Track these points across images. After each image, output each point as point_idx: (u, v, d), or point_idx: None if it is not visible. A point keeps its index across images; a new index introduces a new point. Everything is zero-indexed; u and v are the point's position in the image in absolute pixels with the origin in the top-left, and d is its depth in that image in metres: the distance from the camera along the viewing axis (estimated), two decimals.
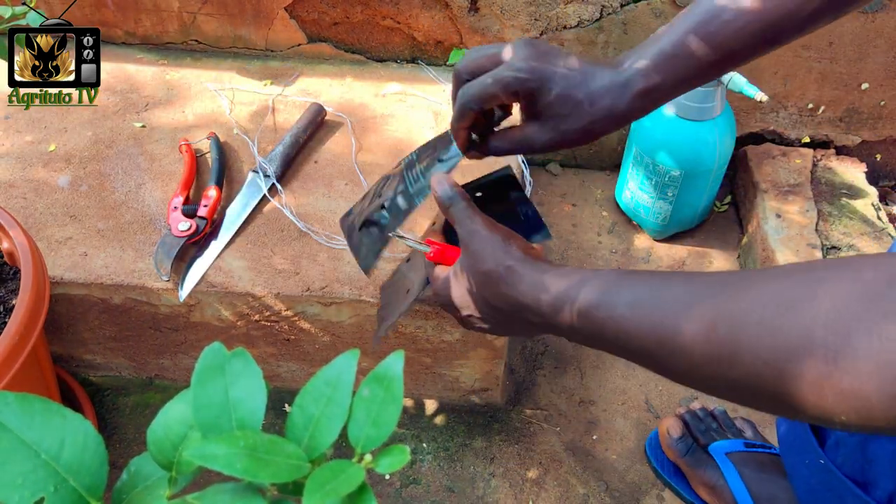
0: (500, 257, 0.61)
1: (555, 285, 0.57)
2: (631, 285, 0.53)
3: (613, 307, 0.52)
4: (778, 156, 1.25)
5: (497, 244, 0.62)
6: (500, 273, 0.61)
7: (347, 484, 0.32)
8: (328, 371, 0.35)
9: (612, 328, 0.52)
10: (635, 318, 0.51)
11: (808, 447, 0.77)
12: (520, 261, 0.60)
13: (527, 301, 0.59)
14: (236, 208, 1.01)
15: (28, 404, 0.33)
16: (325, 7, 1.21)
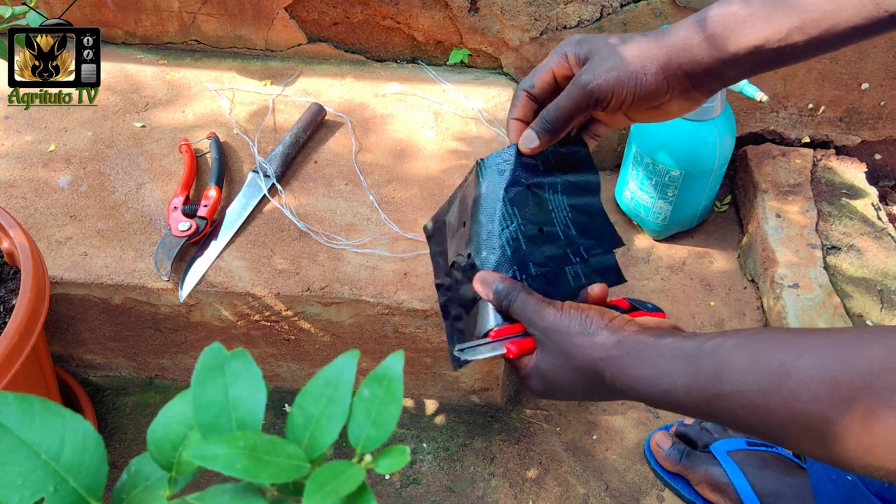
0: (587, 351, 0.54)
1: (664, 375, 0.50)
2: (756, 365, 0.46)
3: (741, 395, 0.46)
4: (778, 156, 1.25)
5: (577, 336, 0.55)
6: (595, 368, 0.54)
7: (347, 484, 0.32)
8: (328, 371, 0.35)
9: (744, 416, 0.47)
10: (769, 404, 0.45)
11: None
12: (612, 347, 0.54)
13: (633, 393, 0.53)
14: (236, 208, 1.01)
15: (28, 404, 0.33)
16: (325, 7, 1.21)
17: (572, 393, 0.57)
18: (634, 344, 0.53)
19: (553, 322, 0.57)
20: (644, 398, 0.52)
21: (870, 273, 1.10)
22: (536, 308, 0.58)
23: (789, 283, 1.08)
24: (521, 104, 0.66)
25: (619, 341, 0.53)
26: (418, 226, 1.00)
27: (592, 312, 0.56)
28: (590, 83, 0.61)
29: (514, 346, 0.60)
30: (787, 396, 0.44)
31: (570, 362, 0.55)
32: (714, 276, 1.21)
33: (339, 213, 1.01)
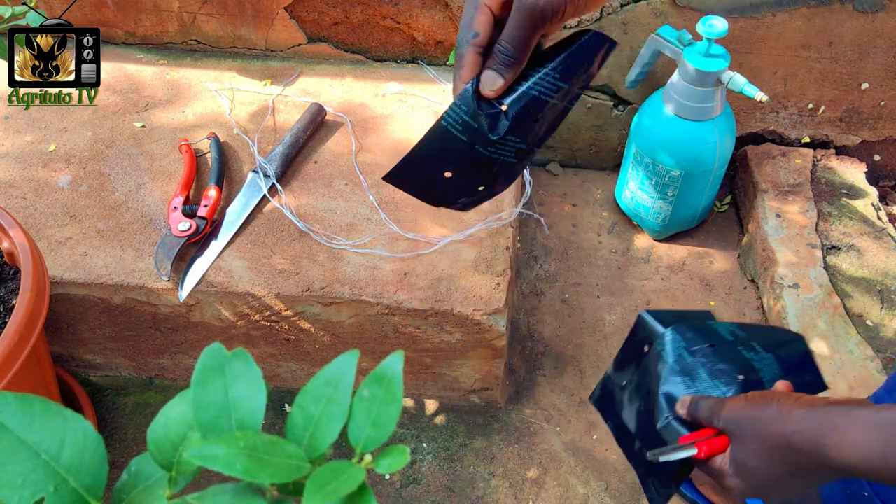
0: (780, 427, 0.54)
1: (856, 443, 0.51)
2: None
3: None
4: (778, 156, 1.25)
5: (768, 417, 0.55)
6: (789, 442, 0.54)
7: (347, 484, 0.32)
8: (328, 371, 0.35)
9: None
10: None
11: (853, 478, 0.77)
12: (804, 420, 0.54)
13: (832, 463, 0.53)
14: (236, 208, 1.01)
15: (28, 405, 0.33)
16: (325, 7, 1.21)
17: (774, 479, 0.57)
18: (825, 416, 0.53)
19: (742, 409, 0.57)
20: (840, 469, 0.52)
21: (870, 273, 1.10)
22: (720, 403, 0.59)
23: (789, 283, 1.08)
24: (470, 62, 0.58)
25: (809, 414, 0.53)
26: (418, 226, 1.00)
27: (778, 394, 0.57)
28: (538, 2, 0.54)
29: (704, 445, 0.61)
30: None
31: (765, 443, 0.55)
32: (714, 276, 1.21)
33: (339, 213, 1.01)
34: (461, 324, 0.94)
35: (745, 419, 0.57)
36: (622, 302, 1.17)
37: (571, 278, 1.20)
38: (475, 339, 0.96)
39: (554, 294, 1.18)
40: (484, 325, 0.94)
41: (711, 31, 1.03)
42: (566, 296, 1.18)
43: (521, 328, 1.14)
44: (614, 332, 1.14)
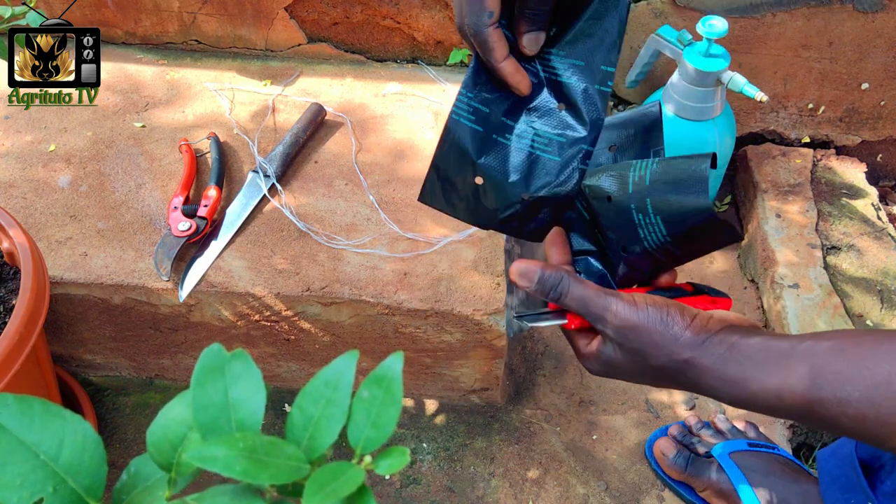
0: (668, 352, 0.51)
1: (753, 378, 0.48)
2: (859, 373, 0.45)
3: (845, 404, 0.45)
4: (778, 156, 1.25)
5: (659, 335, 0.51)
6: (676, 368, 0.51)
7: (347, 485, 0.32)
8: (328, 372, 0.35)
9: (846, 424, 0.45)
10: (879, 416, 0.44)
11: (856, 487, 0.76)
12: (697, 347, 0.50)
13: (717, 395, 0.51)
14: (236, 208, 1.01)
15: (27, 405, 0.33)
16: (325, 7, 1.21)
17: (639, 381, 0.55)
18: (719, 344, 0.50)
19: (629, 318, 0.51)
20: (728, 399, 0.50)
21: (870, 273, 1.10)
22: (601, 301, 0.52)
23: (789, 283, 1.08)
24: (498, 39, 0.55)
25: (703, 343, 0.50)
26: (418, 226, 1.00)
27: (672, 309, 0.52)
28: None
29: (577, 318, 0.55)
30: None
31: (649, 361, 0.52)
32: (714, 276, 1.21)
33: (339, 213, 1.01)
34: (461, 324, 0.94)
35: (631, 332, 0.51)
36: None
37: None
38: (475, 339, 0.96)
39: None
40: (484, 325, 0.94)
41: (711, 31, 1.03)
42: None
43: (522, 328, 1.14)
44: None
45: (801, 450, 1.04)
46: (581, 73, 0.56)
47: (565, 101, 0.57)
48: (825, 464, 0.82)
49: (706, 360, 0.50)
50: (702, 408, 1.06)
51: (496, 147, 0.59)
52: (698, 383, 0.51)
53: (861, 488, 0.76)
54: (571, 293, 0.53)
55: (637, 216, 0.56)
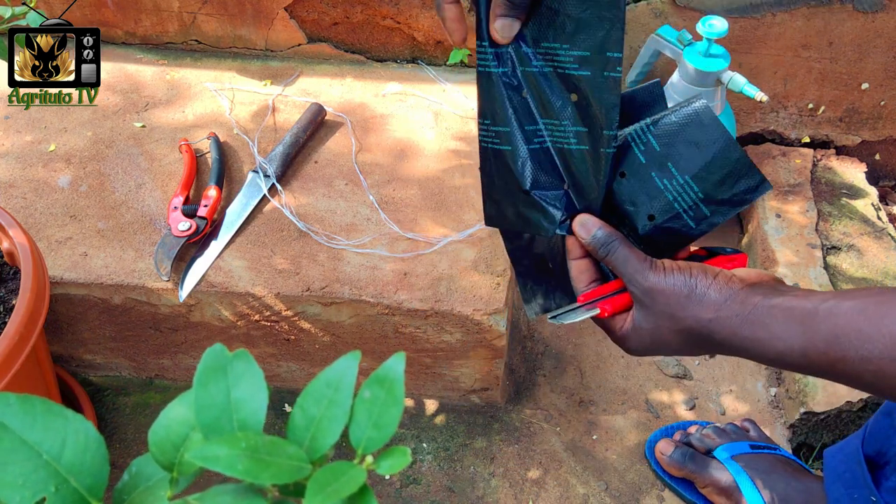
0: (695, 313, 0.53)
1: (777, 338, 0.50)
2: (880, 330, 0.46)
3: (866, 361, 0.47)
4: (778, 156, 1.25)
5: (683, 295, 0.53)
6: (703, 331, 0.53)
7: (349, 485, 0.32)
8: (329, 372, 0.35)
9: (869, 379, 0.48)
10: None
11: (861, 483, 0.77)
12: (722, 307, 0.52)
13: (745, 354, 0.52)
14: (236, 208, 1.01)
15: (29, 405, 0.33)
16: (325, 7, 1.21)
17: (676, 350, 0.56)
18: (743, 304, 0.52)
19: (657, 283, 0.54)
20: (756, 358, 0.52)
21: (870, 273, 1.10)
22: (638, 266, 0.55)
23: (789, 283, 1.08)
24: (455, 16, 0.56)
25: (728, 301, 0.52)
26: (418, 226, 1.00)
27: (696, 271, 0.54)
28: None
29: (608, 304, 0.58)
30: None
31: (677, 324, 0.54)
32: None
33: (339, 213, 1.01)
34: (461, 324, 0.94)
35: (661, 295, 0.54)
36: None
37: None
38: (475, 339, 0.96)
39: None
40: (484, 325, 0.94)
41: (711, 31, 1.03)
42: None
43: (521, 328, 1.14)
44: None
45: (801, 450, 1.04)
46: (588, 64, 0.56)
47: (577, 92, 0.57)
48: (831, 460, 0.83)
49: (732, 321, 0.51)
50: (702, 408, 1.06)
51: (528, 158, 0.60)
52: (725, 344, 0.52)
53: (865, 484, 0.76)
54: (619, 252, 0.56)
55: (662, 182, 0.58)
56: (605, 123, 0.57)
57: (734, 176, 0.57)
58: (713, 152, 0.56)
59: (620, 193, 0.59)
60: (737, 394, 1.07)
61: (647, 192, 0.58)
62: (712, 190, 0.57)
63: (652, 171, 0.58)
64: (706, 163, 0.56)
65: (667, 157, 0.57)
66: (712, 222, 0.58)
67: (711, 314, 0.52)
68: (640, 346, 0.58)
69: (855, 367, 0.47)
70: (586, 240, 0.58)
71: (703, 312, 0.52)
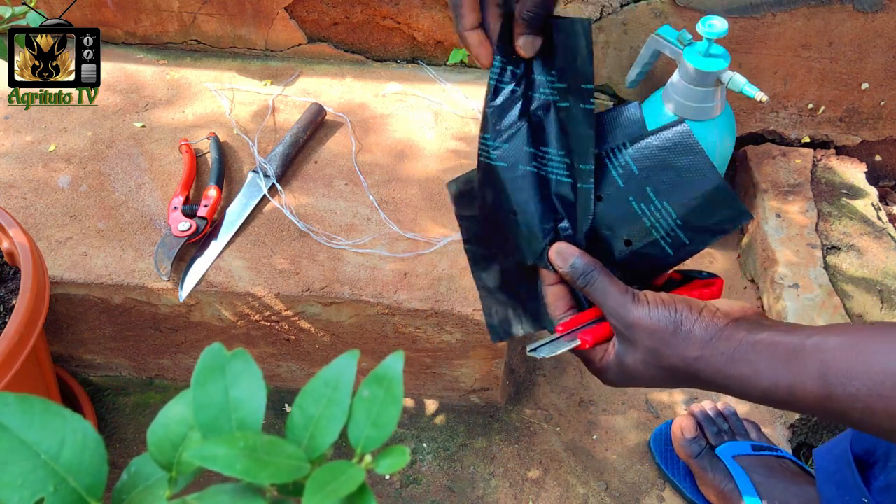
0: (680, 351, 0.51)
1: (762, 375, 0.49)
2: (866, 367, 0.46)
3: (853, 399, 0.46)
4: (778, 156, 1.25)
5: (668, 333, 0.51)
6: (688, 368, 0.52)
7: (348, 485, 0.32)
8: (328, 372, 0.35)
9: (856, 417, 0.47)
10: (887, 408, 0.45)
11: (852, 485, 0.77)
12: (707, 345, 0.51)
13: (730, 392, 0.51)
14: (236, 208, 1.01)
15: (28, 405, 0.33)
16: (325, 7, 1.21)
17: (658, 384, 0.55)
18: (728, 341, 0.50)
19: (640, 319, 0.52)
20: (741, 396, 0.51)
21: (870, 273, 1.10)
22: (620, 299, 0.53)
23: (789, 283, 1.08)
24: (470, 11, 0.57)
25: (713, 339, 0.51)
26: (418, 226, 1.00)
27: (681, 306, 0.52)
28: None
29: (588, 335, 0.56)
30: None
31: (661, 361, 0.52)
32: None
33: (339, 213, 1.01)
34: (461, 324, 0.94)
35: (644, 330, 0.52)
36: None
37: None
38: (475, 339, 0.96)
39: None
40: (484, 325, 0.94)
41: (711, 31, 1.03)
42: None
43: None
44: None
45: (801, 450, 1.04)
46: (566, 95, 0.56)
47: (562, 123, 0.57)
48: (821, 461, 0.83)
49: (717, 359, 0.50)
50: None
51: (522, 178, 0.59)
52: (710, 381, 0.51)
53: (856, 485, 0.76)
54: (598, 283, 0.54)
55: (639, 206, 0.56)
56: (581, 157, 0.56)
57: (714, 204, 0.55)
58: (694, 179, 0.55)
59: (597, 217, 0.57)
60: None
61: (624, 217, 0.56)
62: (691, 217, 0.55)
63: (630, 196, 0.56)
64: (686, 189, 0.55)
65: (646, 182, 0.56)
66: (690, 250, 0.56)
67: (696, 352, 0.51)
68: (620, 379, 0.56)
69: (842, 405, 0.46)
70: (564, 269, 0.56)
71: (688, 350, 0.51)
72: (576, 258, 0.55)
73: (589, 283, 0.55)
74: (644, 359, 0.53)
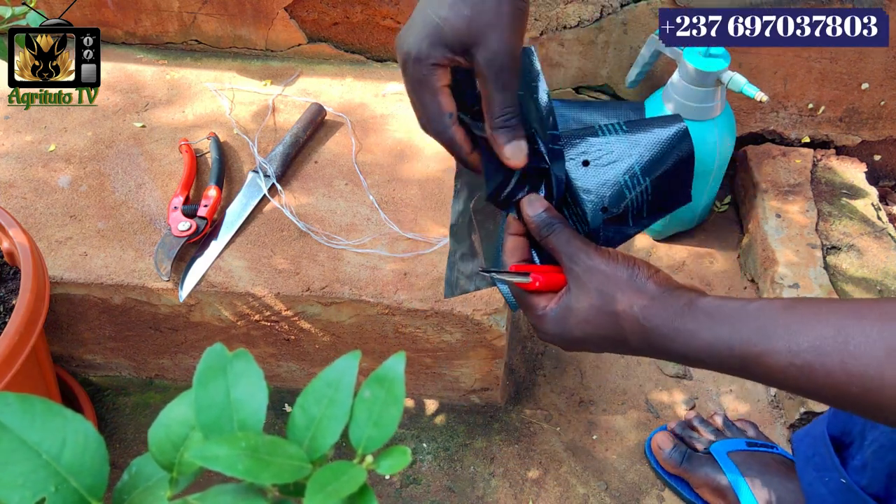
0: (631, 296, 0.53)
1: (707, 329, 0.51)
2: (809, 326, 0.48)
3: (793, 354, 0.47)
4: (778, 156, 1.25)
5: (623, 279, 0.54)
6: (634, 314, 0.53)
7: (349, 485, 0.32)
8: (329, 372, 0.35)
9: (793, 374, 0.48)
10: (825, 365, 0.47)
11: (830, 466, 0.77)
12: (657, 297, 0.53)
13: (673, 344, 0.53)
14: (236, 208, 1.01)
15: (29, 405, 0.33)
16: (325, 7, 1.21)
17: (593, 337, 0.56)
18: (678, 298, 0.53)
19: (600, 264, 0.55)
20: (680, 350, 0.52)
21: (870, 273, 1.10)
22: (582, 246, 0.56)
23: (789, 283, 1.08)
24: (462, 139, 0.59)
25: (664, 294, 0.53)
26: (418, 226, 1.00)
27: (640, 263, 0.55)
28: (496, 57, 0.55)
29: (540, 277, 0.57)
30: (845, 358, 0.45)
31: (610, 305, 0.54)
32: (714, 276, 1.21)
33: (339, 213, 1.01)
34: (461, 324, 0.94)
35: (601, 274, 0.54)
36: None
37: None
38: (475, 339, 0.96)
39: None
40: (484, 325, 0.94)
41: None
42: None
43: (521, 328, 1.14)
44: None
45: None
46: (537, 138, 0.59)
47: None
48: (799, 444, 0.83)
49: (666, 311, 0.52)
50: (702, 408, 1.06)
51: None
52: (652, 334, 0.53)
53: (834, 466, 0.77)
54: (562, 233, 0.57)
55: (624, 177, 0.60)
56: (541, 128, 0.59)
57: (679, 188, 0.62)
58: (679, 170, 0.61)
59: (581, 180, 0.60)
60: (737, 394, 1.07)
61: (606, 184, 0.60)
62: (661, 199, 0.61)
63: (617, 170, 0.60)
64: (666, 175, 0.60)
65: (638, 159, 0.60)
66: (643, 225, 0.61)
67: (647, 301, 0.53)
68: (559, 328, 0.57)
69: (782, 360, 0.48)
70: (531, 216, 0.58)
71: (638, 298, 0.53)
72: (544, 210, 0.58)
73: (552, 232, 0.57)
74: (593, 303, 0.55)
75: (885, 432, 0.71)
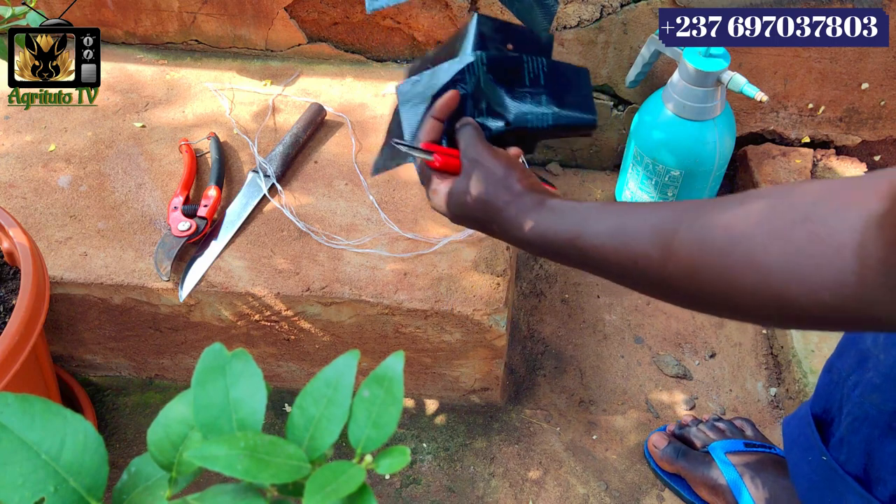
0: (500, 191, 0.66)
1: (545, 220, 0.63)
2: (609, 217, 0.59)
3: (594, 236, 0.59)
4: (778, 156, 1.25)
5: (498, 177, 0.66)
6: (498, 206, 0.65)
7: (348, 485, 0.32)
8: (328, 372, 0.35)
9: (594, 254, 0.59)
10: (615, 246, 0.57)
11: (812, 444, 0.78)
12: (518, 195, 0.65)
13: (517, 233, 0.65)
14: (236, 208, 1.01)
15: (28, 405, 0.33)
16: (325, 7, 1.21)
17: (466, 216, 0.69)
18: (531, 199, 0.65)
19: (484, 159, 0.67)
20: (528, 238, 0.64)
21: None
22: (477, 143, 0.69)
23: None
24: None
25: (523, 194, 0.65)
26: (418, 226, 1.00)
27: (519, 167, 0.67)
28: None
29: (441, 157, 0.70)
30: (625, 239, 0.56)
31: (482, 195, 0.66)
32: None
33: (339, 213, 1.01)
34: (461, 324, 0.94)
35: (482, 167, 0.67)
36: (622, 302, 1.17)
37: (571, 278, 1.20)
38: (475, 339, 0.96)
39: (554, 294, 1.18)
40: (484, 325, 0.94)
41: None
42: (566, 296, 1.18)
43: (521, 328, 1.14)
44: (614, 332, 1.14)
45: None
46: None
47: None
48: (786, 427, 0.84)
49: (520, 206, 0.65)
50: (702, 408, 1.06)
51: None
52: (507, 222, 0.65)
53: (816, 444, 0.77)
54: (470, 129, 0.71)
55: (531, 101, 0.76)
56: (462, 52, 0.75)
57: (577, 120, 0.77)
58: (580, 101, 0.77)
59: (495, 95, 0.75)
60: (737, 394, 1.07)
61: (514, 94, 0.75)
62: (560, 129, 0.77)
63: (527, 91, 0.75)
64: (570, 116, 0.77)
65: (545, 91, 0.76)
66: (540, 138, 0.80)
67: (509, 197, 0.65)
68: (442, 204, 0.71)
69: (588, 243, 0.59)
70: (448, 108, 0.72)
71: (504, 194, 0.65)
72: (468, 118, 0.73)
73: (463, 125, 0.71)
74: (471, 190, 0.67)
75: (857, 403, 0.71)
